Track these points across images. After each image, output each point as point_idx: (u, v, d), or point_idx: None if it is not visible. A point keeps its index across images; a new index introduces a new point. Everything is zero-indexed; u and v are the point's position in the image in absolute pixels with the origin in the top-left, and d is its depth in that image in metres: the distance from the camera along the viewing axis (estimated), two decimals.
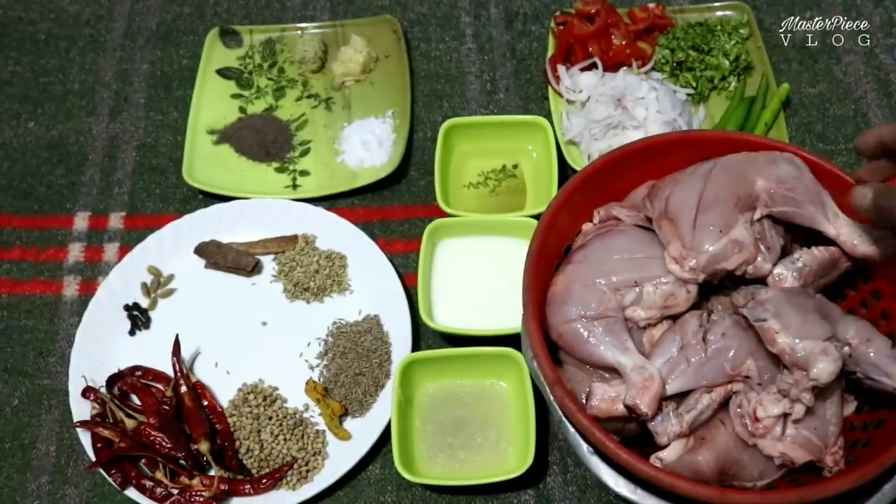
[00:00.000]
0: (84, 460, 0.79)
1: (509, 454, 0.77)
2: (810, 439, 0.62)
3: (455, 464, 0.77)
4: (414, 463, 0.77)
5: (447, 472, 0.77)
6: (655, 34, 1.04)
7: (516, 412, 0.78)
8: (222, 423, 0.80)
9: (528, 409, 0.76)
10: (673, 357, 0.64)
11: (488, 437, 0.78)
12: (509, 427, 0.78)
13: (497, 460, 0.77)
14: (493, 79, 1.05)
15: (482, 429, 0.78)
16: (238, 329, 0.87)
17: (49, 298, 0.90)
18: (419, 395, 0.80)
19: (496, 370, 0.80)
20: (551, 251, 0.71)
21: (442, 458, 0.77)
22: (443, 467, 0.77)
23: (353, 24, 1.09)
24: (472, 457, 0.77)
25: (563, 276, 0.69)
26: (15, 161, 1.00)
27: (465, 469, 0.77)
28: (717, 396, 0.64)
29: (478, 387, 0.80)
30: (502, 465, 0.76)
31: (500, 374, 0.80)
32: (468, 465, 0.77)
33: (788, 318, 0.61)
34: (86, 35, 1.11)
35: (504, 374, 0.80)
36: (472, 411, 0.79)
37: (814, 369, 0.59)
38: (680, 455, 0.63)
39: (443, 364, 0.80)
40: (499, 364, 0.79)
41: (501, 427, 0.78)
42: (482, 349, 0.79)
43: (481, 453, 0.77)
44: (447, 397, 0.80)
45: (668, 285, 0.66)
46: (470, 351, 0.80)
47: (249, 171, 0.98)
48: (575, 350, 0.66)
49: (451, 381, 0.81)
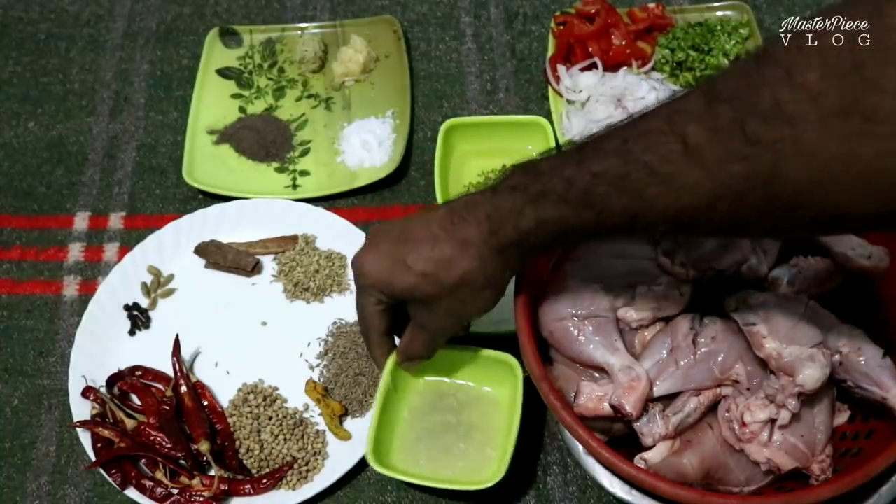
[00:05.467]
0: (84, 460, 0.79)
1: (492, 463, 0.73)
2: (797, 446, 0.62)
3: (433, 464, 0.74)
4: (390, 454, 0.74)
5: (424, 472, 0.73)
6: (655, 34, 1.04)
7: (506, 422, 0.74)
8: (222, 423, 0.80)
9: (513, 420, 0.72)
10: (662, 359, 0.64)
11: (473, 443, 0.75)
12: (498, 436, 0.74)
13: (478, 468, 0.73)
14: (493, 79, 1.05)
15: (469, 434, 0.75)
16: (238, 329, 0.87)
17: (49, 298, 0.90)
18: (411, 388, 0.77)
19: (493, 375, 0.76)
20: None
21: (423, 457, 0.74)
22: (421, 467, 0.73)
23: (353, 24, 1.09)
24: (453, 461, 0.74)
25: (557, 274, 0.69)
26: (15, 161, 1.01)
27: (441, 471, 0.73)
28: (704, 400, 0.64)
29: (472, 390, 0.77)
30: (481, 474, 0.72)
31: (496, 380, 0.76)
32: (446, 469, 0.73)
33: (777, 324, 0.62)
34: (86, 35, 1.11)
35: (500, 380, 0.76)
36: (462, 414, 0.76)
37: (800, 375, 0.59)
38: (665, 457, 0.63)
39: (439, 361, 0.76)
40: (496, 369, 0.76)
41: (489, 434, 0.74)
42: (481, 351, 0.76)
43: (464, 458, 0.74)
44: (439, 396, 0.77)
45: (661, 287, 0.67)
46: (467, 352, 0.76)
47: (249, 172, 0.98)
48: (565, 348, 0.66)
49: (446, 379, 0.77)
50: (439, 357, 0.76)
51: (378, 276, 0.65)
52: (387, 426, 0.74)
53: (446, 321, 0.66)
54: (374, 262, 0.65)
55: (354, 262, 0.67)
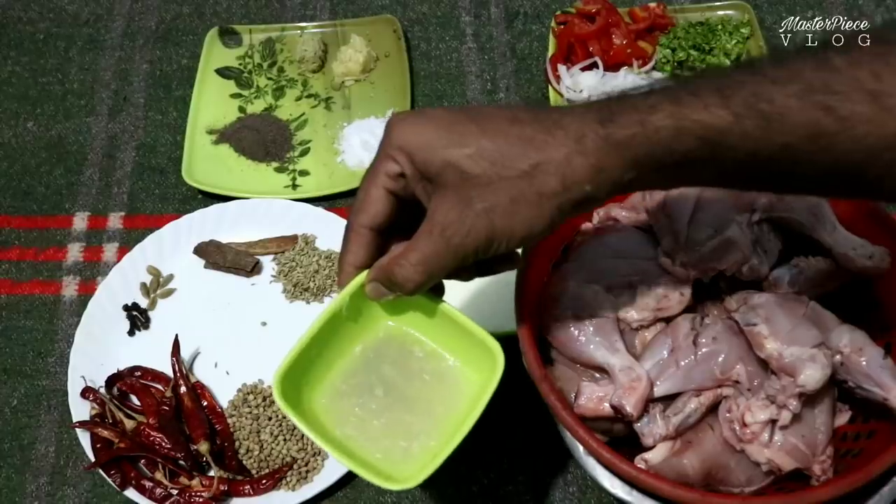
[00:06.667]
0: (83, 461, 0.79)
1: (420, 459, 0.56)
2: (798, 446, 0.62)
3: (362, 432, 0.57)
4: (312, 394, 0.58)
5: (344, 436, 0.56)
6: (656, 34, 1.04)
7: (461, 416, 0.57)
8: (222, 424, 0.80)
9: (470, 415, 0.55)
10: (663, 359, 0.64)
11: (423, 424, 0.57)
12: (448, 428, 0.57)
13: (402, 458, 0.56)
14: (493, 78, 1.05)
15: (424, 410, 0.58)
16: (238, 329, 0.87)
17: (48, 298, 0.90)
18: (369, 326, 0.59)
19: (471, 355, 0.59)
20: (549, 249, 0.71)
21: (353, 417, 0.57)
22: (344, 428, 0.57)
23: (353, 24, 1.09)
24: (390, 438, 0.57)
25: (557, 274, 0.69)
26: (14, 161, 1.00)
27: (366, 446, 0.56)
28: (705, 400, 0.64)
29: (443, 362, 0.60)
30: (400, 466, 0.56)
31: (473, 362, 0.59)
32: (374, 444, 0.56)
33: (778, 324, 0.61)
34: (85, 35, 1.11)
35: (477, 364, 0.58)
36: (423, 384, 0.59)
37: (801, 376, 0.59)
38: (665, 457, 0.63)
39: (414, 308, 0.59)
40: (476, 350, 0.58)
41: (442, 422, 0.58)
42: (467, 320, 0.57)
43: (406, 438, 0.57)
44: (402, 349, 0.60)
45: (661, 287, 0.66)
46: (452, 313, 0.57)
47: (249, 171, 0.98)
48: (565, 349, 0.66)
49: (416, 333, 0.60)
50: (416, 305, 0.58)
51: (416, 138, 0.48)
52: (321, 361, 0.58)
53: (470, 232, 0.48)
54: (418, 123, 0.49)
55: (389, 122, 0.50)
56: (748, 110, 0.43)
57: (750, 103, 0.43)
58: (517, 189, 0.46)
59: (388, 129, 0.50)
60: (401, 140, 0.49)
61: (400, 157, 0.49)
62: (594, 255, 0.69)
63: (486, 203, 0.47)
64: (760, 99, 0.43)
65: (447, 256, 0.49)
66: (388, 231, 0.53)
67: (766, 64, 0.44)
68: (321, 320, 0.56)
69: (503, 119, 0.47)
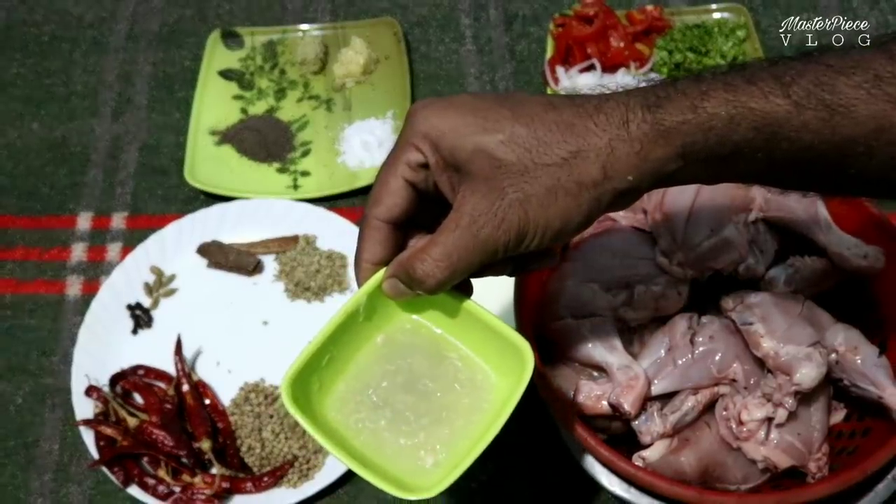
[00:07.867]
0: (87, 458, 0.80)
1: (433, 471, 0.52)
2: (794, 444, 0.62)
3: (371, 438, 0.53)
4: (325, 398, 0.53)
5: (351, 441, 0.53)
6: (653, 36, 1.04)
7: (487, 423, 0.52)
8: (224, 422, 0.81)
9: (496, 422, 0.50)
10: (660, 358, 0.65)
11: (437, 432, 0.53)
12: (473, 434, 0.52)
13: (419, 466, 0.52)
14: (492, 80, 1.05)
15: (438, 417, 0.53)
16: (239, 328, 0.87)
17: (52, 298, 0.91)
18: (387, 329, 0.54)
19: (499, 357, 0.54)
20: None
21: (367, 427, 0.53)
22: (354, 434, 0.53)
23: (353, 26, 1.09)
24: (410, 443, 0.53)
25: (556, 273, 0.70)
26: (18, 162, 1.01)
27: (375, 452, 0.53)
28: (702, 398, 0.64)
29: (472, 362, 0.54)
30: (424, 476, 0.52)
31: (500, 365, 0.54)
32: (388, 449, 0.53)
33: (774, 323, 0.62)
34: (89, 37, 1.12)
35: (505, 368, 0.53)
36: (448, 386, 0.54)
37: (797, 374, 0.60)
38: (663, 455, 0.63)
39: (438, 307, 0.53)
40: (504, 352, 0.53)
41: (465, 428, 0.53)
42: (495, 319, 0.52)
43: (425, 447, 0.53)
44: (424, 356, 0.54)
45: (659, 287, 0.67)
46: (479, 311, 0.52)
47: (251, 172, 0.99)
48: (564, 347, 0.67)
49: (441, 332, 0.54)
50: (438, 303, 0.53)
51: (443, 123, 0.45)
52: (334, 363, 0.53)
53: (501, 224, 0.44)
54: (444, 109, 0.45)
55: (411, 109, 0.47)
56: (809, 100, 0.41)
57: (811, 92, 0.41)
58: (554, 178, 0.43)
59: (411, 115, 0.47)
60: (425, 127, 0.45)
61: (423, 146, 0.45)
62: (592, 254, 0.70)
63: (521, 193, 0.43)
64: (823, 88, 0.40)
65: (474, 251, 0.45)
66: (405, 226, 0.50)
67: (827, 53, 0.42)
68: (336, 321, 0.52)
69: (536, 104, 0.44)
